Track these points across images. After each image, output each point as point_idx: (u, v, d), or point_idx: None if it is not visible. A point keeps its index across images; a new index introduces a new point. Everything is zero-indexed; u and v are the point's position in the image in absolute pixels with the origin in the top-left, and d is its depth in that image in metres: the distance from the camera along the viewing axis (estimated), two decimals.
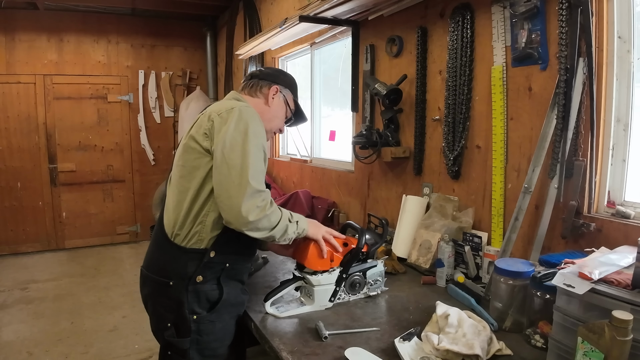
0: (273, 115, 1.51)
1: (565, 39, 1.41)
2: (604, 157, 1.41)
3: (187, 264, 1.29)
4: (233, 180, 1.21)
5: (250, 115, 1.30)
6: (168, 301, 1.31)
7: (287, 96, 1.54)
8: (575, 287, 0.95)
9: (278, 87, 1.51)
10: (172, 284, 1.29)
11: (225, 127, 1.26)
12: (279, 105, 1.52)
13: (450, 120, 1.91)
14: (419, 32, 2.04)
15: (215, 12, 5.10)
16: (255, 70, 1.59)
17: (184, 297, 1.29)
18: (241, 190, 1.20)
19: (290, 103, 1.56)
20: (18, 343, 2.92)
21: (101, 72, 5.08)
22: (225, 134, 1.25)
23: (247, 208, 1.19)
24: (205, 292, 1.31)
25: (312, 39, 3.10)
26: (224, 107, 1.32)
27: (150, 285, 1.37)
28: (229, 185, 1.21)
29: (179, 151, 1.38)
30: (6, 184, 4.83)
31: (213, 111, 1.32)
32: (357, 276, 1.50)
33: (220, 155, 1.24)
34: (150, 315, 1.40)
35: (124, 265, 4.61)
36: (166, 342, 1.32)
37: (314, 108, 3.36)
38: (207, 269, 1.30)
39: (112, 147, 5.23)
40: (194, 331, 1.29)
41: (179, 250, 1.30)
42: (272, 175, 4.01)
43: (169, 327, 1.30)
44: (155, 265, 1.36)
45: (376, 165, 2.43)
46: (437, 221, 1.89)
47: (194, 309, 1.30)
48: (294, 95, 1.58)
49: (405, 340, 1.19)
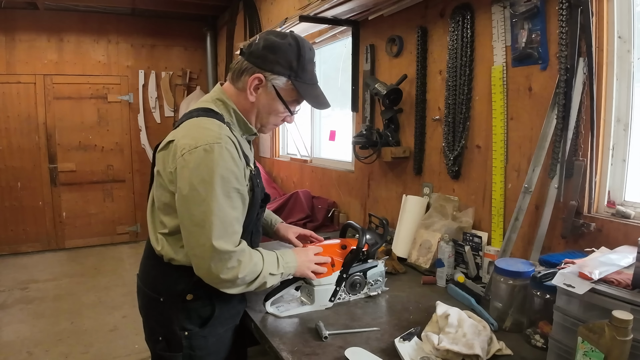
0: (262, 112, 1.24)
1: (565, 39, 1.41)
2: (604, 157, 1.41)
3: (177, 282, 1.22)
4: (198, 240, 1.09)
5: (217, 155, 1.07)
6: (159, 316, 1.26)
7: (278, 85, 1.19)
8: (575, 287, 0.95)
9: (261, 76, 1.18)
10: (162, 300, 1.24)
11: (187, 173, 1.08)
12: (267, 98, 1.21)
13: (450, 120, 1.91)
14: (419, 32, 2.04)
15: (215, 12, 5.10)
16: (248, 42, 1.23)
17: (174, 315, 1.23)
18: (206, 253, 1.08)
19: (287, 92, 1.21)
20: (18, 343, 2.92)
21: (101, 72, 5.08)
22: (185, 183, 1.08)
23: (217, 269, 1.10)
24: (196, 310, 1.25)
25: (312, 39, 3.09)
26: (189, 142, 1.10)
27: (143, 297, 1.33)
28: (194, 244, 1.11)
29: (154, 180, 1.24)
30: (6, 184, 4.83)
31: (179, 146, 1.11)
32: (357, 276, 1.50)
33: (181, 209, 1.11)
34: (144, 326, 1.36)
35: (124, 265, 4.61)
36: (158, 355, 1.28)
37: (314, 108, 3.36)
38: (198, 287, 1.21)
39: (112, 147, 5.23)
40: (185, 347, 1.24)
41: (169, 267, 1.23)
42: (272, 175, 4.01)
43: (160, 340, 1.26)
44: (147, 278, 1.31)
45: (376, 165, 2.43)
46: (437, 221, 1.89)
47: (185, 325, 1.24)
48: (296, 76, 1.19)
49: (406, 340, 1.19)
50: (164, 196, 1.19)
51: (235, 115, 1.25)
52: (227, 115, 1.23)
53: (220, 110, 1.23)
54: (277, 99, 1.21)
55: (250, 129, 1.29)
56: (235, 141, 1.17)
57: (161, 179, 1.18)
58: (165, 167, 1.16)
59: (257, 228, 1.40)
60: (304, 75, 1.21)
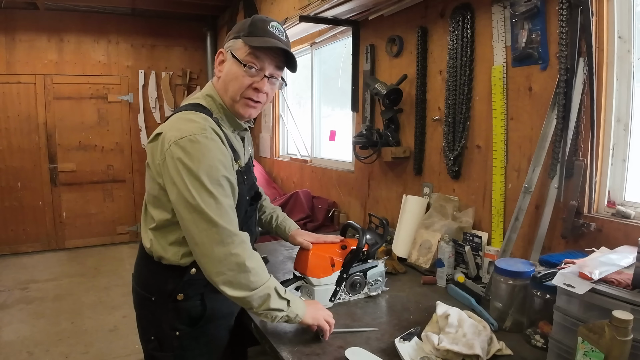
0: (227, 83, 1.20)
1: (565, 39, 1.41)
2: (604, 157, 1.41)
3: (167, 281, 1.22)
4: (197, 225, 1.07)
5: (202, 146, 1.09)
6: (151, 315, 1.26)
7: (233, 48, 1.19)
8: (575, 287, 0.95)
9: (222, 50, 1.24)
10: (154, 299, 1.24)
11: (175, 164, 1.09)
12: (228, 65, 1.21)
13: (450, 120, 1.91)
14: (419, 32, 2.04)
15: (215, 12, 5.10)
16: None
17: (165, 314, 1.23)
18: (208, 236, 1.07)
19: (241, 51, 1.17)
20: (18, 343, 2.92)
21: (101, 72, 5.08)
22: (175, 173, 1.09)
23: (220, 254, 1.07)
24: (187, 309, 1.24)
25: (312, 39, 3.10)
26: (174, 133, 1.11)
27: (136, 296, 1.33)
28: (194, 231, 1.08)
29: (146, 173, 1.24)
30: (6, 184, 4.83)
31: (166, 138, 1.12)
32: (357, 276, 1.50)
33: (176, 201, 1.10)
34: (137, 325, 1.36)
35: (124, 265, 4.61)
36: (150, 355, 1.28)
37: (314, 108, 3.36)
38: (188, 287, 1.22)
39: (112, 147, 5.23)
40: (176, 347, 1.24)
41: (159, 267, 1.22)
42: (272, 175, 4.01)
43: (152, 340, 1.26)
44: (140, 277, 1.31)
45: (376, 165, 2.43)
46: (438, 221, 1.89)
47: (175, 325, 1.23)
48: (246, 34, 1.17)
49: (406, 340, 1.19)
50: (153, 189, 1.19)
51: (223, 111, 1.25)
52: (216, 111, 1.24)
53: (209, 106, 1.23)
54: (234, 61, 1.19)
55: (239, 124, 1.28)
56: (222, 135, 1.17)
57: (151, 171, 1.19)
58: (154, 159, 1.16)
59: (249, 227, 1.34)
60: (255, 31, 1.18)
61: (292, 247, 1.92)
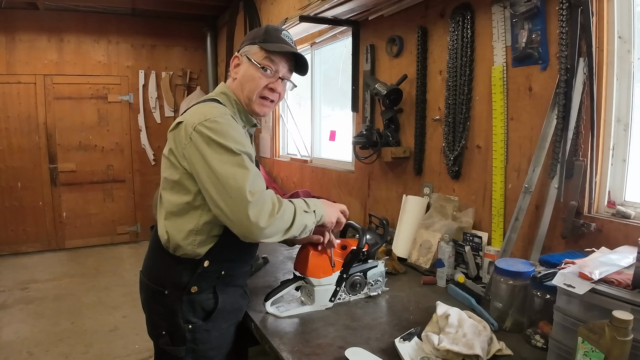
0: (243, 84, 1.31)
1: (565, 39, 1.41)
2: (604, 157, 1.41)
3: (181, 274, 1.25)
4: (230, 194, 1.10)
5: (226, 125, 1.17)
6: (163, 309, 1.28)
7: (249, 52, 1.31)
8: (575, 287, 0.95)
9: (238, 54, 1.34)
10: (167, 292, 1.26)
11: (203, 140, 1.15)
12: (244, 68, 1.31)
13: (450, 120, 1.91)
14: (419, 32, 2.04)
15: (215, 12, 5.10)
16: None
17: (178, 307, 1.25)
18: (242, 203, 1.09)
19: (257, 55, 1.29)
20: (18, 343, 2.92)
21: (101, 72, 5.08)
22: (205, 149, 1.14)
23: (256, 216, 1.09)
24: (200, 302, 1.27)
25: (312, 39, 3.10)
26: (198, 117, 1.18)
27: (146, 292, 1.34)
28: (226, 199, 1.11)
29: (162, 162, 1.30)
30: (6, 184, 4.83)
31: (189, 123, 1.19)
32: (357, 276, 1.50)
33: (205, 177, 1.14)
34: (147, 321, 1.37)
35: (124, 265, 4.61)
36: (161, 350, 1.30)
37: (314, 108, 3.36)
38: (201, 279, 1.25)
39: (112, 147, 5.23)
40: (189, 340, 1.26)
41: (173, 259, 1.26)
42: (272, 175, 4.01)
43: (163, 334, 1.28)
44: (151, 272, 1.33)
45: (376, 165, 2.43)
46: (438, 221, 1.89)
47: (189, 318, 1.26)
48: (262, 40, 1.30)
49: (406, 340, 1.19)
50: (174, 175, 1.23)
51: (236, 106, 1.33)
52: (230, 107, 1.31)
53: (224, 102, 1.31)
54: (250, 64, 1.30)
55: (250, 120, 1.37)
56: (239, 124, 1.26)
57: (173, 156, 1.22)
58: (177, 144, 1.21)
59: None
60: (270, 38, 1.31)
61: (292, 247, 1.92)
